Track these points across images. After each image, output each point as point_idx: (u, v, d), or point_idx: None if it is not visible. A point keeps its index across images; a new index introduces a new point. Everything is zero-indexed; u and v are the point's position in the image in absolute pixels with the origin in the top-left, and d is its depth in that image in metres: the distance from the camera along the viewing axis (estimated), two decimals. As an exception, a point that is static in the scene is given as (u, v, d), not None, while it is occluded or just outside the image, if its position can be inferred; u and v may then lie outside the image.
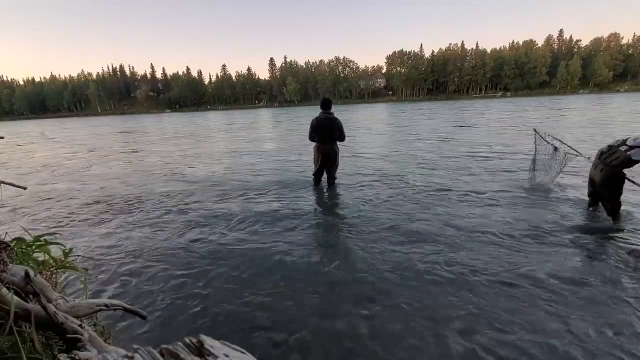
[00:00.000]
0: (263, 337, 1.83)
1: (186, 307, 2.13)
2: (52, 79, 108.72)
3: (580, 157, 4.03)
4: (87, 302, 1.38)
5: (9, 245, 1.29)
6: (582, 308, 1.98)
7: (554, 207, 3.68)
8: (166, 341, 0.81)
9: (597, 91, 71.02)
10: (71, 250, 1.84)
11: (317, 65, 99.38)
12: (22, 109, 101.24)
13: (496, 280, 2.29)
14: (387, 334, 1.82)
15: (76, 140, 16.29)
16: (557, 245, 2.80)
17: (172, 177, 6.21)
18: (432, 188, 4.66)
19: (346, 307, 2.08)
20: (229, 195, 4.74)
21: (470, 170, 5.66)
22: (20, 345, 1.05)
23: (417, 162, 6.66)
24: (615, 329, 1.80)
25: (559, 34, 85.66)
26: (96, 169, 7.67)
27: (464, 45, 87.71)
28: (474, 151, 7.54)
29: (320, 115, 4.66)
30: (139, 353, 0.81)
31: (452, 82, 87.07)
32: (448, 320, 1.91)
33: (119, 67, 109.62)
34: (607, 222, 3.20)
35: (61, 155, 10.41)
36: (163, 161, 8.33)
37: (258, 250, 2.93)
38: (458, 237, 3.01)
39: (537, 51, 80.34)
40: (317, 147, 4.78)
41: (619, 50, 76.00)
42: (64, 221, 3.96)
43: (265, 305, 2.12)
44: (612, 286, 2.18)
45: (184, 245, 3.08)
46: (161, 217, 3.92)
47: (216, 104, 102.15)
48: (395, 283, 2.32)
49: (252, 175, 6.11)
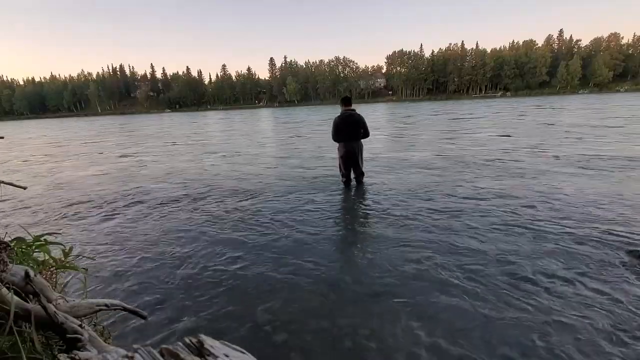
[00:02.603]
0: (263, 337, 1.83)
1: (186, 307, 2.12)
2: (52, 79, 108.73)
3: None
4: (87, 302, 1.38)
5: (9, 245, 1.29)
6: (582, 308, 1.98)
7: (552, 206, 3.68)
8: (166, 341, 0.81)
9: (597, 91, 71.01)
10: (71, 250, 1.84)
11: (317, 65, 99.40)
12: (22, 109, 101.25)
13: (492, 281, 2.29)
14: (388, 334, 1.82)
15: (78, 140, 16.29)
16: (556, 245, 2.80)
17: (173, 177, 6.21)
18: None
19: (347, 307, 2.08)
20: (233, 196, 4.74)
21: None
22: (20, 345, 1.05)
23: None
24: (615, 329, 1.79)
25: (559, 34, 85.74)
26: (96, 169, 7.67)
27: (464, 45, 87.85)
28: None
29: (343, 113, 4.60)
30: (139, 353, 0.81)
31: (452, 82, 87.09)
32: (448, 321, 1.91)
33: (119, 67, 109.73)
34: (606, 222, 3.20)
35: (61, 155, 10.41)
36: (165, 161, 8.33)
37: (259, 250, 2.93)
38: (460, 238, 3.01)
39: (537, 51, 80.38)
40: (340, 146, 4.70)
41: (619, 50, 76.01)
42: (64, 221, 3.96)
43: (266, 305, 2.11)
44: (611, 286, 2.18)
45: (185, 246, 3.08)
46: (162, 217, 3.92)
47: (216, 104, 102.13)
48: (397, 284, 2.31)
49: (258, 175, 6.11)
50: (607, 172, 5.13)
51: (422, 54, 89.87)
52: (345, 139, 4.65)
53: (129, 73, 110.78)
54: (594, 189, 4.28)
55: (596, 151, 6.78)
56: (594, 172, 5.15)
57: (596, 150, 6.86)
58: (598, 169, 5.33)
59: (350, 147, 4.63)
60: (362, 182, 4.92)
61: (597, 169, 5.33)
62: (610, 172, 5.08)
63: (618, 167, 5.41)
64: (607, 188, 4.30)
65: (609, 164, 5.66)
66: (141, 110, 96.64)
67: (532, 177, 5.01)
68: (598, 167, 5.49)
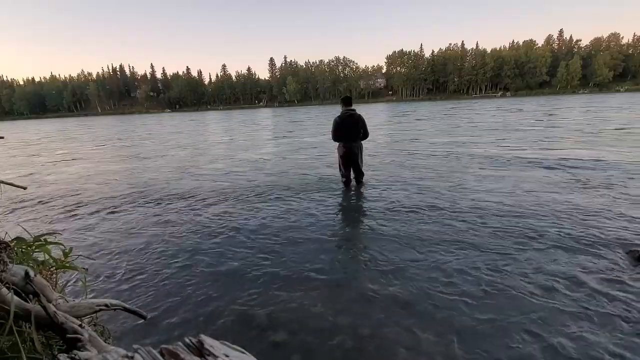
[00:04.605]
0: (263, 337, 1.83)
1: (186, 307, 2.13)
2: (52, 79, 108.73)
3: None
4: (87, 302, 1.38)
5: (9, 245, 1.29)
6: (582, 308, 1.97)
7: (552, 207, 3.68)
8: (166, 341, 0.81)
9: (597, 91, 71.01)
10: (71, 250, 1.84)
11: (317, 65, 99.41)
12: (22, 109, 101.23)
13: (493, 281, 2.29)
14: (388, 335, 1.82)
15: (76, 139, 16.29)
16: (556, 244, 2.80)
17: (175, 177, 6.21)
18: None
19: (347, 307, 2.08)
20: (233, 196, 4.74)
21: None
22: (20, 345, 1.05)
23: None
24: (615, 329, 1.79)
25: (559, 34, 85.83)
26: (96, 168, 7.66)
27: (464, 45, 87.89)
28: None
29: (343, 113, 4.60)
30: (139, 353, 0.81)
31: (452, 82, 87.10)
32: (448, 322, 1.91)
33: (119, 67, 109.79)
34: (605, 221, 3.20)
35: (61, 155, 10.41)
36: (168, 161, 8.33)
37: (259, 250, 2.93)
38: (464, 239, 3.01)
39: (537, 51, 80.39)
40: (340, 146, 4.72)
41: (619, 50, 76.07)
42: (64, 221, 3.96)
43: (266, 305, 2.11)
44: (611, 286, 2.18)
45: (184, 246, 3.08)
46: (162, 217, 3.91)
47: (216, 104, 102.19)
48: (397, 284, 2.31)
49: (258, 175, 6.11)
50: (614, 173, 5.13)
51: (422, 54, 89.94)
52: (345, 139, 4.66)
53: (129, 73, 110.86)
54: (594, 189, 4.28)
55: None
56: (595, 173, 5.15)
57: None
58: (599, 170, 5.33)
59: (350, 147, 4.64)
60: (361, 182, 4.93)
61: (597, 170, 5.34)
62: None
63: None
64: (607, 187, 4.30)
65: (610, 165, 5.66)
66: (141, 110, 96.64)
67: (533, 177, 5.01)
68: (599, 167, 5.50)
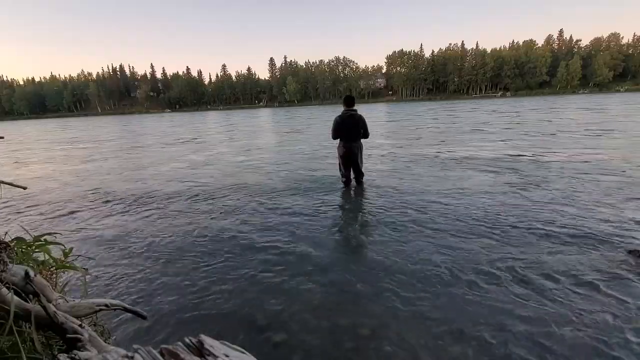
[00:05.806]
0: (263, 337, 1.83)
1: (186, 307, 2.12)
2: (52, 79, 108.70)
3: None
4: (87, 302, 1.38)
5: (9, 245, 1.29)
6: (582, 308, 1.97)
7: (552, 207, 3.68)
8: (166, 341, 0.80)
9: (597, 91, 71.00)
10: (71, 250, 1.84)
11: (317, 65, 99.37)
12: (22, 109, 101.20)
13: (493, 281, 2.29)
14: (388, 334, 1.82)
15: (76, 139, 16.29)
16: (555, 244, 2.80)
17: (174, 177, 6.21)
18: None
19: (347, 307, 2.08)
20: (233, 196, 4.74)
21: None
22: (20, 345, 1.05)
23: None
24: (615, 329, 1.79)
25: (559, 34, 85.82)
26: (96, 168, 7.66)
27: (464, 45, 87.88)
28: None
29: (344, 113, 4.61)
30: (139, 353, 0.81)
31: (452, 82, 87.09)
32: (448, 322, 1.90)
33: (119, 67, 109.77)
34: (606, 222, 3.20)
35: (60, 155, 10.41)
36: (169, 160, 8.33)
37: (258, 250, 2.93)
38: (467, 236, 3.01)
39: (537, 51, 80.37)
40: (340, 146, 4.73)
41: (619, 50, 76.06)
42: (64, 221, 3.96)
43: (266, 305, 2.11)
44: (611, 286, 2.18)
45: (184, 245, 3.08)
46: (163, 217, 3.91)
47: (216, 104, 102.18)
48: (397, 284, 2.31)
49: (258, 176, 6.11)
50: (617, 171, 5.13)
51: (422, 54, 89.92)
52: (345, 139, 4.67)
53: (129, 73, 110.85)
54: (594, 189, 4.28)
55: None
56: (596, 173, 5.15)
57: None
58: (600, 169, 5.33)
59: (350, 147, 4.64)
60: (361, 182, 4.93)
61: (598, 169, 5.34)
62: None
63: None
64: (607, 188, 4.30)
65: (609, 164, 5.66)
66: (141, 110, 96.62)
67: (533, 178, 5.01)
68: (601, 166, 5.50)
